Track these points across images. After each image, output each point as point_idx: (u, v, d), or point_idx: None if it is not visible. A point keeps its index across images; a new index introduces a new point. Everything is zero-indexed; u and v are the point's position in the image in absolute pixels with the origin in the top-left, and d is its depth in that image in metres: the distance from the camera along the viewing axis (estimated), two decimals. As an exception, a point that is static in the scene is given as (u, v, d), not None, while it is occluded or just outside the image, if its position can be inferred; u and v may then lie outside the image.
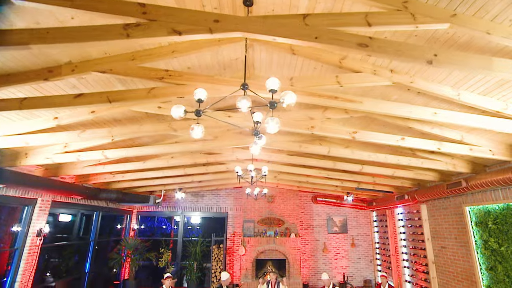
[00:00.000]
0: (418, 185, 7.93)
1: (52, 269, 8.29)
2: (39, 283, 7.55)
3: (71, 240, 8.98)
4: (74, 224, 9.28)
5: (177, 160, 6.63)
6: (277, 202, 11.26)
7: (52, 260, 8.37)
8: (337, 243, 11.67)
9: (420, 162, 5.66)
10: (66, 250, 8.68)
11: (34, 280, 6.76)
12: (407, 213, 9.25)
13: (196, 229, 12.28)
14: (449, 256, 7.26)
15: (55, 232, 8.57)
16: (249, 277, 10.24)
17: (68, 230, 9.17)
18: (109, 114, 4.61)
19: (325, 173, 7.46)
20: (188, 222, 12.48)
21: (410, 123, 4.40)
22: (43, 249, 7.52)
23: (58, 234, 8.77)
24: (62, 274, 8.58)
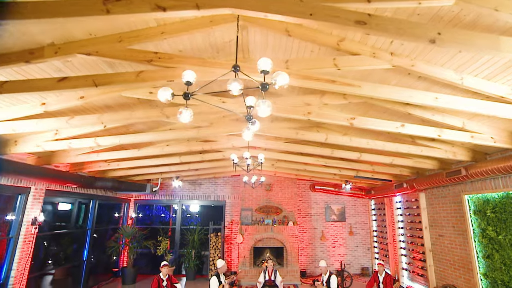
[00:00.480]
0: (417, 173, 7.84)
1: (52, 257, 8.28)
2: (39, 270, 7.59)
3: (69, 228, 8.94)
4: (71, 213, 9.23)
5: (172, 147, 6.50)
6: (275, 191, 11.22)
7: (52, 248, 8.35)
8: (335, 231, 11.69)
9: (420, 150, 5.54)
10: (64, 238, 8.67)
11: (31, 268, 6.74)
12: (406, 202, 9.21)
13: (195, 217, 12.27)
14: (446, 244, 7.24)
15: (55, 221, 8.54)
16: (247, 265, 10.27)
17: (66, 219, 9.14)
18: (99, 100, 4.46)
19: (323, 161, 7.35)
20: (187, 211, 12.46)
21: (410, 109, 4.26)
22: (42, 237, 7.52)
23: (58, 223, 8.74)
24: (61, 261, 8.60)
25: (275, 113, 4.20)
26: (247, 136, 3.05)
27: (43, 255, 7.81)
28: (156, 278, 6.78)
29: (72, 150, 6.03)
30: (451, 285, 6.96)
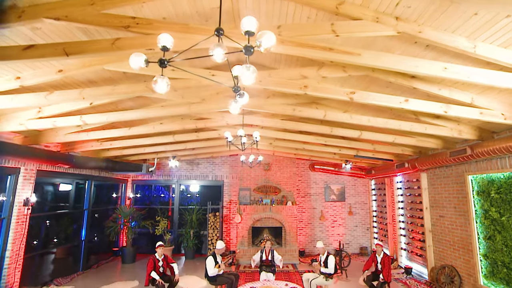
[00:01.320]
0: (419, 153, 7.58)
1: (49, 237, 8.25)
2: (36, 250, 7.58)
3: (66, 209, 8.85)
4: (67, 194, 9.13)
5: (165, 126, 6.24)
6: (274, 170, 11.04)
7: (49, 228, 8.30)
8: (334, 211, 11.61)
9: (424, 127, 5.25)
10: (61, 219, 8.62)
11: (27, 248, 6.70)
12: (406, 182, 9.02)
13: (196, 197, 12.18)
14: (446, 225, 7.09)
15: (50, 201, 8.45)
16: (245, 244, 10.26)
17: (62, 199, 9.05)
18: (80, 74, 4.15)
19: (322, 140, 7.09)
20: (187, 190, 12.37)
21: (415, 83, 3.93)
22: (37, 217, 7.46)
23: (53, 203, 8.65)
24: (60, 241, 8.60)
25: (269, 86, 3.89)
26: (234, 110, 2.77)
27: (39, 236, 7.76)
28: (152, 259, 6.71)
29: (60, 129, 5.79)
30: (450, 266, 6.87)
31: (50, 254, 8.13)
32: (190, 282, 7.93)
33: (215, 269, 6.66)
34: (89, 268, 9.21)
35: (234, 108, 2.76)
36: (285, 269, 9.22)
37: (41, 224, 7.82)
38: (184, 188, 12.27)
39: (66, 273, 8.31)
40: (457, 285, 6.62)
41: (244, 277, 8.37)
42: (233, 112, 2.92)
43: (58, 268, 8.21)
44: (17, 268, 6.48)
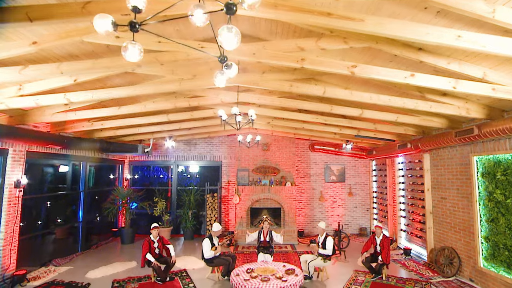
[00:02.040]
0: (423, 133, 7.30)
1: (46, 219, 8.17)
2: (39, 230, 7.61)
3: (60, 191, 8.72)
4: (62, 175, 8.97)
5: (156, 104, 5.96)
6: (272, 150, 10.81)
7: (45, 210, 8.21)
8: (334, 192, 11.49)
9: (429, 105, 4.94)
10: (57, 201, 8.52)
11: (22, 230, 6.61)
12: (408, 163, 8.79)
13: (195, 177, 12.02)
14: (448, 207, 6.92)
15: (45, 183, 8.31)
16: (244, 225, 10.21)
17: (56, 181, 8.90)
18: (59, 47, 3.83)
19: (322, 119, 6.79)
20: (186, 171, 12.22)
21: (422, 56, 3.59)
22: (31, 199, 7.36)
23: (48, 185, 8.52)
24: (59, 222, 8.55)
25: (263, 59, 3.57)
26: (220, 82, 2.47)
27: (35, 217, 7.68)
28: (147, 240, 6.62)
29: (46, 108, 5.51)
30: (450, 247, 6.76)
31: (48, 235, 8.09)
32: (188, 263, 7.90)
33: (211, 251, 6.58)
34: (88, 248, 9.22)
35: (220, 81, 2.47)
36: (283, 249, 9.20)
37: (37, 206, 7.71)
38: (184, 168, 12.12)
39: (65, 254, 8.31)
40: (456, 266, 6.53)
41: (242, 258, 8.34)
42: (218, 85, 2.62)
43: (57, 249, 8.21)
44: (13, 250, 6.42)
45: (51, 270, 7.29)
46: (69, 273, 7.13)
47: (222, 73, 2.44)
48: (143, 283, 6.54)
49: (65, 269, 7.44)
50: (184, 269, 7.44)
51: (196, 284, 6.45)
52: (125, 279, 6.77)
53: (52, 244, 8.21)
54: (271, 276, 5.68)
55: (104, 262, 7.92)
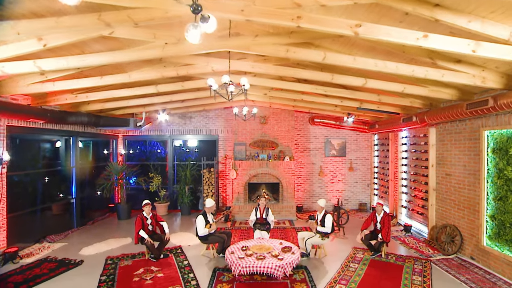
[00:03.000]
0: (430, 105, 6.82)
1: (41, 194, 7.97)
2: (30, 207, 7.45)
3: (50, 167, 8.43)
4: (53, 151, 8.65)
5: (142, 74, 5.48)
6: (271, 124, 10.37)
7: (35, 187, 7.98)
8: (334, 166, 11.18)
9: (441, 74, 4.45)
10: (50, 177, 8.27)
11: (10, 207, 6.39)
12: (413, 137, 8.37)
13: (194, 152, 11.69)
14: (453, 184, 6.59)
15: (40, 159, 8.02)
16: (241, 200, 10.02)
17: (49, 157, 8.60)
18: (19, 4, 3.31)
19: (322, 90, 6.30)
20: (184, 145, 11.88)
21: (439, 14, 3.06)
22: (31, 175, 7.29)
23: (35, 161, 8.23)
24: (52, 199, 8.38)
25: (253, 17, 3.06)
26: (192, 37, 2.02)
27: (25, 194, 7.48)
28: (140, 217, 6.41)
29: (19, 78, 5.04)
30: (452, 225, 6.52)
31: (41, 212, 7.90)
32: (184, 239, 7.75)
33: (205, 228, 6.37)
34: (84, 224, 9.11)
35: (192, 36, 2.00)
36: (281, 225, 9.04)
37: (26, 182, 7.46)
38: (182, 143, 11.78)
39: (60, 230, 8.19)
40: (457, 244, 6.31)
41: (239, 234, 8.19)
42: (192, 41, 2.16)
43: (51, 225, 8.07)
44: (1, 227, 6.25)
45: (45, 247, 7.17)
46: (63, 250, 7.01)
47: (195, 26, 1.97)
48: (137, 260, 6.40)
49: (60, 245, 7.32)
50: (179, 245, 7.30)
51: (190, 262, 6.30)
52: (119, 256, 6.64)
53: (46, 220, 8.06)
54: (266, 254, 5.49)
55: (99, 239, 7.79)
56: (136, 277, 5.56)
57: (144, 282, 5.33)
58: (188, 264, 6.15)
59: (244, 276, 5.45)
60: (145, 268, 5.96)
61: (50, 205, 8.24)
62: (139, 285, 5.23)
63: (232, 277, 5.47)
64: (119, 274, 5.68)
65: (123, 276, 5.59)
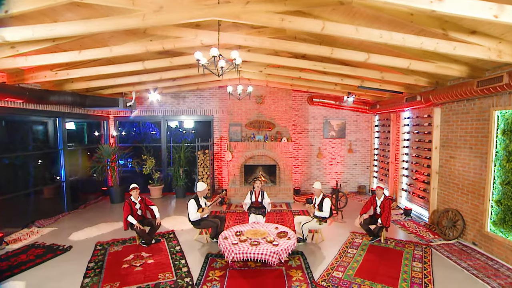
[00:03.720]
0: (436, 83, 6.39)
1: (30, 177, 7.68)
2: (20, 190, 7.24)
3: (39, 149, 8.06)
4: (40, 132, 8.25)
5: (125, 48, 5.01)
6: (267, 103, 9.92)
7: (26, 169, 7.67)
8: (333, 148, 10.86)
9: (452, 47, 4.01)
10: (38, 159, 7.94)
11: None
12: (415, 118, 7.98)
13: (190, 133, 11.28)
14: (457, 167, 6.28)
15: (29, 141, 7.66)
16: (237, 183, 9.76)
17: (36, 139, 8.21)
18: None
19: (320, 66, 5.84)
20: (181, 127, 11.47)
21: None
22: (15, 158, 6.98)
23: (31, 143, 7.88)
24: (40, 182, 8.13)
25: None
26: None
27: (10, 178, 7.17)
28: (127, 202, 6.13)
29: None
30: (454, 210, 6.26)
31: (29, 196, 7.63)
32: (177, 223, 7.54)
33: (197, 213, 6.11)
34: (76, 208, 8.87)
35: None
36: (278, 208, 8.82)
37: (9, 166, 7.12)
38: (178, 124, 11.37)
39: (50, 215, 7.96)
40: (459, 229, 6.08)
41: (234, 218, 7.97)
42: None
43: (41, 210, 7.84)
44: (-15, 212, 5.97)
45: (33, 232, 6.94)
46: (52, 235, 6.78)
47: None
48: (127, 246, 6.18)
49: (49, 230, 7.09)
50: (172, 230, 7.08)
51: (182, 247, 6.08)
52: (109, 241, 6.42)
53: (34, 204, 7.80)
54: (261, 239, 5.25)
55: (90, 223, 7.57)
56: (125, 263, 5.34)
57: (133, 269, 5.11)
58: (180, 250, 5.93)
59: (237, 262, 5.24)
60: (135, 254, 5.74)
61: (38, 189, 7.95)
62: (128, 272, 5.01)
63: (225, 264, 5.26)
64: (108, 261, 5.46)
65: (112, 263, 5.37)
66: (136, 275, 4.89)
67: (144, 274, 4.93)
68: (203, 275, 4.87)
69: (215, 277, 4.81)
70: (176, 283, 4.65)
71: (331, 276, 4.80)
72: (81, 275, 4.91)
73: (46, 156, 8.25)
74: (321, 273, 4.89)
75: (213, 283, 4.60)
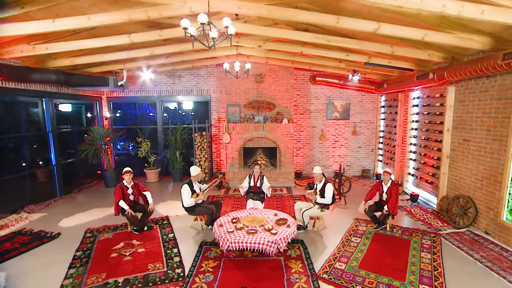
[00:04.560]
0: (452, 59, 5.81)
1: (17, 161, 7.33)
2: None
3: (25, 132, 7.64)
4: (25, 113, 7.80)
5: (106, 17, 4.46)
6: (267, 82, 9.35)
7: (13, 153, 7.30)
8: (336, 130, 10.36)
9: (480, 10, 3.45)
10: (25, 142, 7.55)
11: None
12: (426, 98, 7.43)
13: (190, 115, 10.76)
14: (471, 151, 5.80)
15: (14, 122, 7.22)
16: (235, 166, 9.36)
17: (22, 120, 7.77)
18: None
19: (324, 39, 5.26)
20: (180, 108, 10.96)
21: None
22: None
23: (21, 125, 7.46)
24: (34, 165, 7.85)
25: None
26: None
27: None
28: (119, 186, 5.76)
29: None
30: (466, 196, 5.84)
31: (17, 181, 7.28)
32: (172, 209, 7.21)
33: (191, 199, 5.74)
34: (69, 193, 8.57)
35: None
36: (278, 193, 8.46)
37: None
38: (177, 106, 10.86)
39: (41, 200, 7.65)
40: (471, 218, 5.69)
41: (232, 203, 7.63)
42: None
43: (31, 195, 7.53)
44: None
45: (22, 218, 6.65)
46: (42, 221, 6.49)
47: None
48: (118, 233, 5.87)
49: (39, 216, 6.80)
50: (167, 216, 6.76)
51: (176, 234, 5.76)
52: (100, 227, 6.11)
53: (24, 189, 7.48)
54: (259, 227, 4.89)
55: (82, 208, 7.27)
56: (114, 252, 5.03)
57: (122, 259, 4.80)
58: (174, 238, 5.61)
59: (233, 252, 4.91)
60: (126, 242, 5.43)
61: (29, 173, 7.60)
62: (117, 262, 4.70)
63: (220, 253, 4.93)
64: (96, 249, 5.16)
65: (100, 252, 5.06)
66: (125, 265, 4.58)
67: (133, 264, 4.61)
68: (195, 266, 4.55)
69: (208, 267, 4.49)
70: (166, 274, 4.33)
71: (333, 267, 4.46)
72: (67, 264, 4.60)
73: (36, 139, 7.84)
74: (323, 264, 4.55)
75: (206, 275, 4.27)
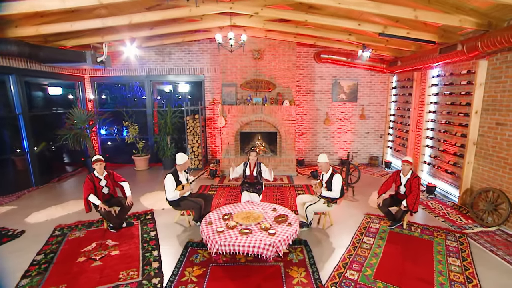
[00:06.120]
0: (488, 25, 4.83)
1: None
2: None
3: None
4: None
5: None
6: (267, 59, 8.32)
7: None
8: (342, 113, 9.44)
9: None
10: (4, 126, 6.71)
11: None
12: (448, 76, 6.46)
13: (187, 98, 9.79)
14: (506, 137, 4.90)
15: None
16: (231, 152, 8.51)
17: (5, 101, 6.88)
18: None
19: (334, 1, 4.27)
20: (175, 91, 10.01)
21: None
22: None
23: None
24: (16, 149, 7.12)
25: None
26: None
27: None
28: (89, 178, 4.90)
29: None
30: (498, 190, 4.98)
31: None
32: (158, 201, 6.41)
33: (176, 191, 4.90)
34: (47, 182, 7.74)
35: None
36: (278, 182, 7.63)
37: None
38: (172, 88, 9.92)
39: (12, 191, 6.84)
40: (503, 215, 4.85)
41: (226, 194, 6.81)
42: None
43: (1, 185, 6.68)
44: None
45: (-14, 212, 5.86)
46: (7, 216, 5.71)
47: None
48: (92, 230, 5.08)
49: (6, 209, 6.02)
50: (151, 209, 5.96)
51: (159, 232, 4.97)
52: (73, 223, 5.33)
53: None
54: (254, 226, 4.09)
55: (57, 201, 6.47)
56: (82, 256, 4.24)
57: (90, 264, 4.00)
58: (155, 237, 4.81)
59: (223, 256, 4.10)
60: (98, 242, 4.64)
61: (20, 157, 6.82)
62: (82, 269, 3.90)
63: (207, 257, 4.14)
64: (61, 252, 4.36)
65: (65, 255, 4.26)
66: (91, 274, 3.78)
67: (101, 273, 3.81)
68: (177, 274, 3.76)
69: (192, 276, 3.69)
70: (140, 285, 3.53)
71: (344, 277, 3.66)
72: (22, 273, 3.81)
73: (4, 121, 6.94)
74: (331, 273, 3.75)
75: (188, 287, 3.48)
